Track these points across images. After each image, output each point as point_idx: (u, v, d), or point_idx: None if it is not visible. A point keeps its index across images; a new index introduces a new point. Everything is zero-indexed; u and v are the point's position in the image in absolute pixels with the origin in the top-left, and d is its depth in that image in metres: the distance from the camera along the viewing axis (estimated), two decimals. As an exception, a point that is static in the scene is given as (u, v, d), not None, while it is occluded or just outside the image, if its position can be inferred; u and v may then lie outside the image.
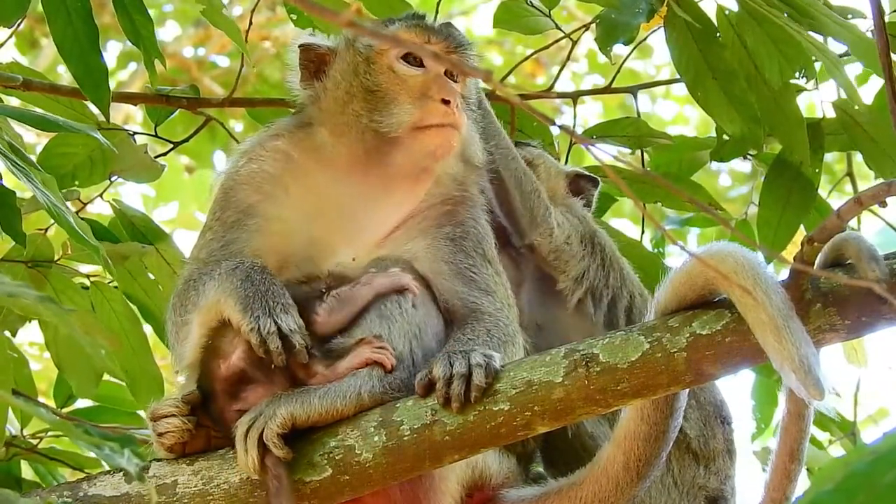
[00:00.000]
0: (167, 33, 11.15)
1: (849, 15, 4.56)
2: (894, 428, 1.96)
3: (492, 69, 8.02)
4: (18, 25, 4.60)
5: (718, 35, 4.59)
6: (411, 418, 3.36)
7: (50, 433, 5.00)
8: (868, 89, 4.99)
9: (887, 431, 1.90)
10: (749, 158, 5.03)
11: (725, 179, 10.53)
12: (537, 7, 4.84)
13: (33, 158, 4.26)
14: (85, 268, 4.87)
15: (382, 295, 3.54)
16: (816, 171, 4.77)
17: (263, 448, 3.32)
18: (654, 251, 4.97)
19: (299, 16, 4.93)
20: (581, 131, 4.98)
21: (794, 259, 3.26)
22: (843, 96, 4.71)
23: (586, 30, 5.01)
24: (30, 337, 7.05)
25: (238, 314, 3.44)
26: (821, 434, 5.40)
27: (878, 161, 4.69)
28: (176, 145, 5.07)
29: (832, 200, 5.09)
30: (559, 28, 4.88)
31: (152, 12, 4.53)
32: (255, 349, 3.40)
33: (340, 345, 3.48)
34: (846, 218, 3.18)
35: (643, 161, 4.94)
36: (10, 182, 4.17)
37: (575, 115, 5.03)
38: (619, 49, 4.60)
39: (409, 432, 3.35)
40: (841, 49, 4.66)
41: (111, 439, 2.38)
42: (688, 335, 3.29)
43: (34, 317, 4.61)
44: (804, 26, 4.42)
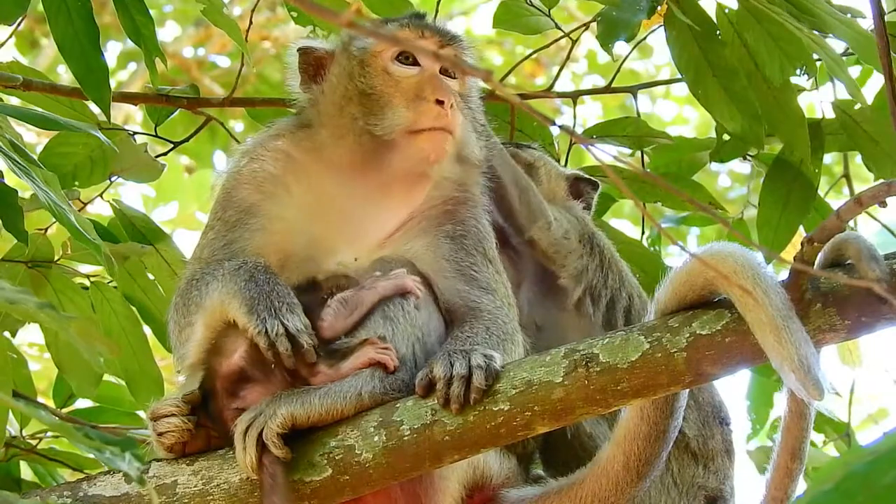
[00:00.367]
0: (167, 33, 11.15)
1: (848, 14, 4.55)
2: (893, 428, 1.96)
3: (492, 69, 8.02)
4: (18, 25, 4.60)
5: (718, 33, 4.59)
6: (411, 418, 3.36)
7: (49, 434, 4.99)
8: (867, 90, 4.98)
9: (886, 432, 1.90)
10: (748, 159, 5.03)
11: (725, 180, 10.54)
12: (537, 7, 4.84)
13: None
14: (85, 268, 4.87)
15: (386, 297, 3.53)
16: (816, 172, 4.77)
17: (262, 447, 3.32)
18: (652, 249, 4.97)
19: (300, 14, 4.93)
20: (581, 131, 4.97)
21: (794, 259, 3.26)
22: (843, 96, 4.70)
23: (586, 29, 5.01)
24: (30, 337, 7.04)
25: (244, 317, 3.44)
26: (815, 435, 5.40)
27: (878, 161, 4.68)
28: (176, 145, 5.06)
29: (830, 201, 5.08)
30: (559, 28, 4.88)
31: (152, 13, 4.52)
32: (264, 352, 3.40)
33: (344, 345, 3.47)
34: (846, 218, 3.18)
35: (643, 161, 4.94)
36: (12, 181, 4.17)
37: (575, 115, 5.02)
38: (620, 49, 4.60)
39: (409, 432, 3.35)
40: (841, 48, 4.66)
41: (111, 443, 2.39)
42: (688, 335, 3.29)
43: (34, 321, 4.61)
44: (805, 24, 4.42)
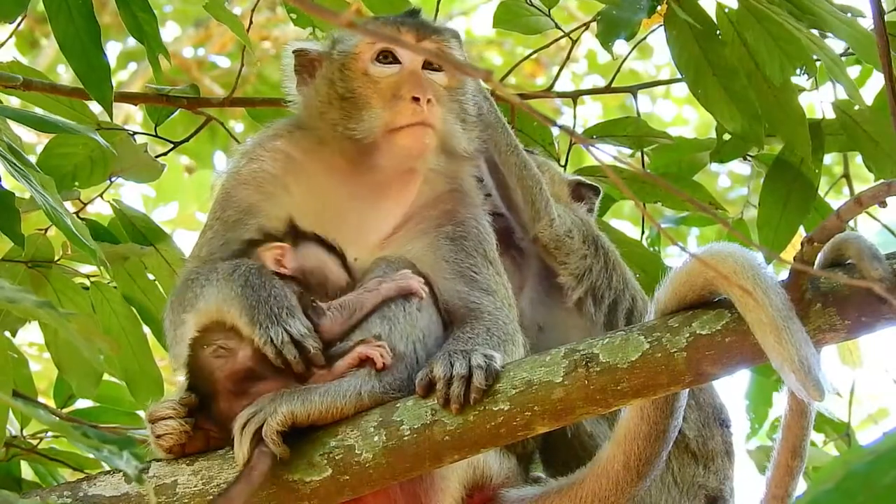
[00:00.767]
0: (167, 34, 11.13)
1: (848, 14, 4.55)
2: (894, 428, 1.96)
3: (492, 69, 8.02)
4: (19, 25, 4.60)
5: (718, 33, 4.59)
6: (411, 418, 3.36)
7: (50, 433, 4.99)
8: (867, 90, 4.98)
9: (887, 432, 1.90)
10: (749, 160, 5.03)
11: (725, 181, 10.53)
12: (537, 7, 4.83)
13: (33, 159, 4.25)
14: (85, 268, 4.86)
15: (389, 298, 3.53)
16: (816, 172, 4.77)
17: (258, 441, 3.32)
18: (651, 249, 4.97)
19: (299, 15, 4.93)
20: (581, 131, 4.97)
21: (794, 259, 3.26)
22: (843, 96, 4.70)
23: (586, 29, 5.01)
24: (30, 337, 7.04)
25: (246, 326, 3.43)
26: (815, 435, 5.40)
27: (879, 162, 4.68)
28: (176, 145, 5.06)
29: (830, 202, 5.08)
30: (559, 27, 4.88)
31: (152, 12, 4.53)
32: (273, 360, 3.39)
33: (341, 348, 3.47)
34: (846, 218, 3.18)
35: (643, 161, 4.93)
36: (10, 183, 4.17)
37: (575, 115, 5.02)
38: (620, 48, 4.59)
39: (409, 432, 3.35)
40: (841, 48, 4.66)
41: (110, 441, 2.39)
42: (688, 335, 3.29)
43: (34, 319, 4.61)
44: (805, 23, 4.42)
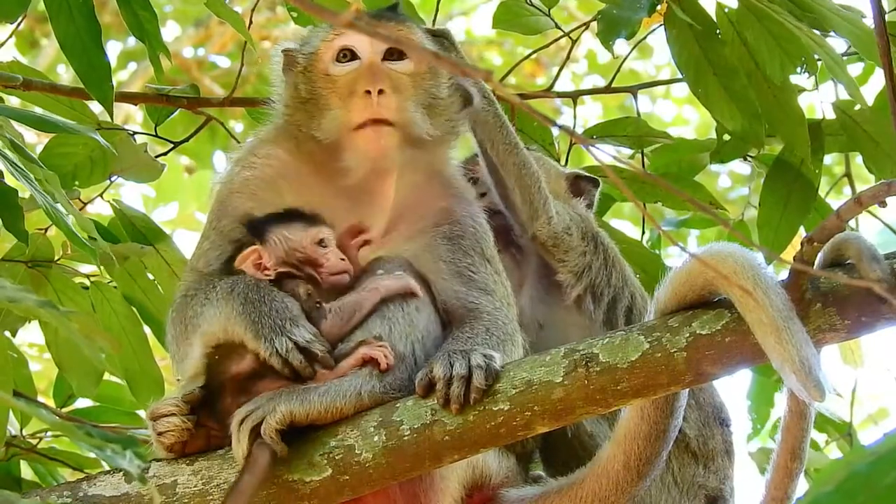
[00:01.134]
0: (167, 33, 11.13)
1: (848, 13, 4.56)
2: (894, 429, 1.96)
3: (492, 69, 8.03)
4: (19, 25, 4.60)
5: (718, 32, 4.59)
6: (411, 418, 3.36)
7: (49, 433, 4.99)
8: (867, 90, 4.98)
9: (887, 432, 1.90)
10: (749, 160, 5.03)
11: (725, 181, 10.54)
12: (537, 7, 4.83)
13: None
14: (85, 268, 4.86)
15: (388, 298, 3.53)
16: (816, 172, 4.77)
17: (255, 437, 3.32)
18: (652, 251, 4.96)
19: (299, 15, 4.93)
20: (581, 131, 4.97)
21: (794, 259, 3.26)
22: (844, 96, 4.71)
23: (586, 29, 5.01)
24: (30, 337, 7.04)
25: (252, 342, 3.42)
26: (818, 435, 5.40)
27: (879, 162, 4.68)
28: (176, 145, 5.06)
29: (830, 202, 5.08)
30: (559, 27, 4.88)
31: (152, 12, 4.53)
32: (280, 370, 3.39)
33: (342, 350, 3.47)
34: (846, 218, 3.18)
35: (643, 161, 4.93)
36: (13, 180, 4.16)
37: (575, 115, 5.02)
38: (620, 48, 4.59)
39: (409, 432, 3.35)
40: (842, 47, 4.66)
41: (113, 441, 2.38)
42: (688, 335, 3.29)
43: (35, 318, 4.61)
44: (805, 22, 4.42)
